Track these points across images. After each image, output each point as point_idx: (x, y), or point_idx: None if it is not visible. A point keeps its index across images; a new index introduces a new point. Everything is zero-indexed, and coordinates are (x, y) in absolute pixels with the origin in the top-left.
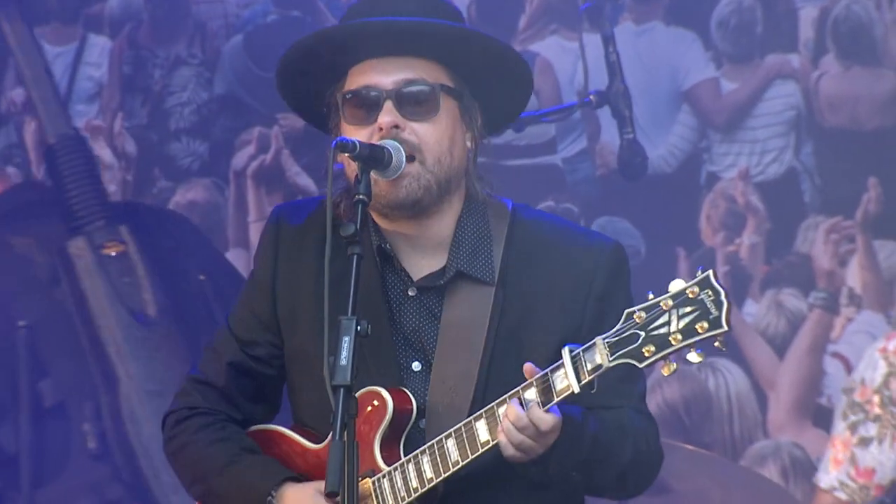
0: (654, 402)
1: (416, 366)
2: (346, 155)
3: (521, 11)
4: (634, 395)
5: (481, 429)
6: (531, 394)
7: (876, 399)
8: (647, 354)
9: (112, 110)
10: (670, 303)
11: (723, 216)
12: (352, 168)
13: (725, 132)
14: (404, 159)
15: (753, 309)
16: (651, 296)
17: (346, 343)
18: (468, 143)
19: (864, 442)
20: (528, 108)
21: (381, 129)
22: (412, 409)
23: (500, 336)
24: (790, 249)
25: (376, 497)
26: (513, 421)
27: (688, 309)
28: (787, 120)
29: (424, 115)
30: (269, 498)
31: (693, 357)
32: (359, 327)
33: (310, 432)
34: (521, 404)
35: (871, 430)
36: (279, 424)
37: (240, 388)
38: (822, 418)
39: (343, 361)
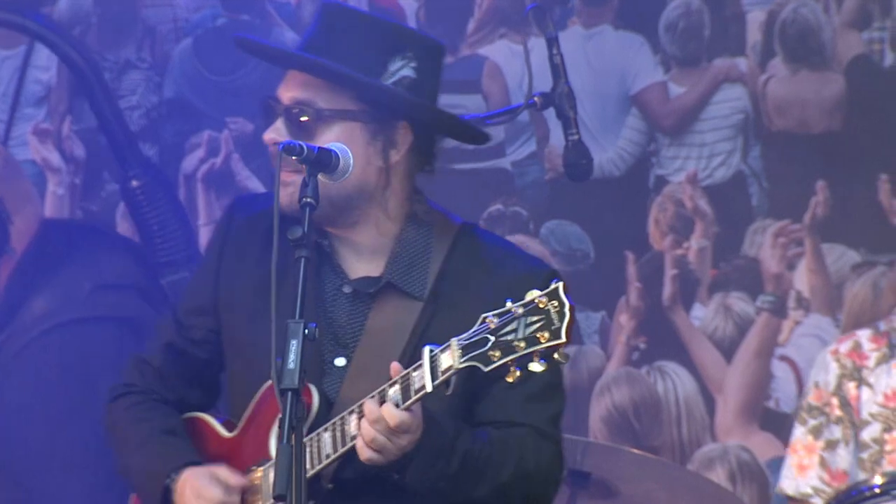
0: (603, 406)
1: (339, 361)
2: (294, 158)
3: (469, 15)
4: (542, 415)
5: (352, 423)
6: (394, 391)
7: (835, 401)
8: (492, 359)
9: (60, 113)
10: (520, 311)
11: (671, 220)
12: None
13: (673, 136)
14: (352, 163)
15: (701, 312)
16: (509, 303)
17: (294, 346)
18: (379, 163)
19: (832, 445)
20: (475, 112)
21: (266, 142)
22: (311, 403)
23: (418, 347)
24: (738, 253)
25: (264, 484)
26: (366, 415)
27: (535, 318)
28: (735, 123)
29: (308, 137)
30: (168, 480)
31: (535, 366)
32: (306, 331)
33: (231, 421)
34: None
35: (836, 432)
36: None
37: (175, 369)
38: (770, 422)
39: (291, 365)
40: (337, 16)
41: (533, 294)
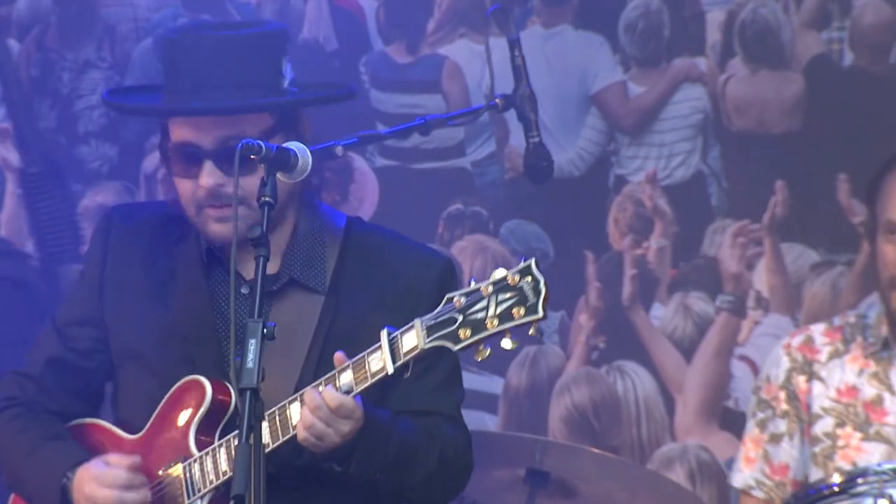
0: (563, 405)
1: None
2: (252, 157)
3: (429, 15)
4: (451, 402)
5: (295, 411)
6: (346, 376)
7: (782, 395)
8: (462, 337)
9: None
10: (490, 289)
11: (630, 219)
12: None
13: (633, 136)
14: (310, 160)
15: (661, 312)
16: (473, 283)
17: (253, 346)
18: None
19: (776, 439)
20: (435, 111)
21: (204, 189)
22: (230, 401)
23: (326, 341)
24: (697, 253)
25: (186, 482)
26: (307, 402)
27: (507, 295)
28: (695, 123)
29: (246, 168)
30: (64, 479)
31: (506, 343)
32: (265, 330)
33: (129, 426)
34: (336, 389)
35: (781, 426)
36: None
37: (58, 380)
38: (730, 421)
39: (249, 364)
40: (210, 46)
41: (502, 272)
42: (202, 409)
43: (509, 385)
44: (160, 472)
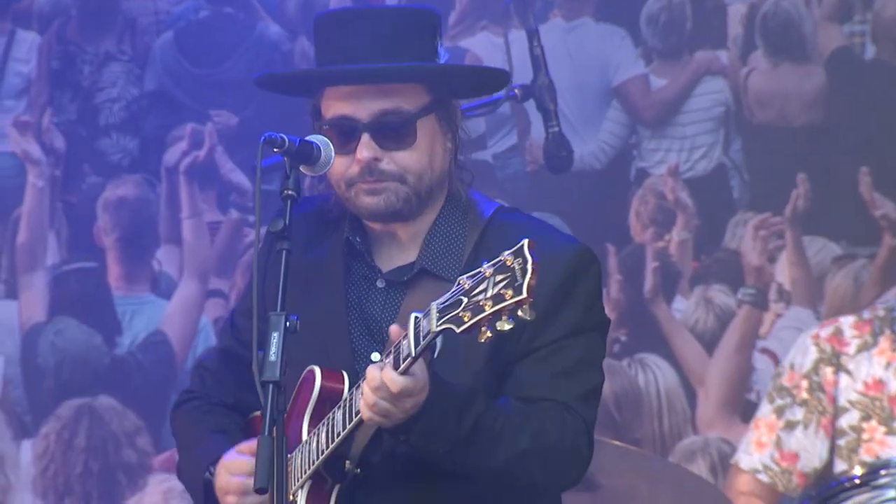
0: None
1: (374, 356)
2: (275, 150)
3: (451, 7)
4: (570, 392)
5: (358, 398)
6: (389, 359)
7: (804, 384)
8: (465, 320)
9: (40, 106)
10: (490, 271)
11: (652, 212)
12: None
13: (655, 128)
14: (333, 154)
15: (682, 305)
16: (485, 265)
17: (276, 339)
18: (448, 145)
19: (790, 426)
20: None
21: (359, 163)
22: (343, 389)
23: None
24: (719, 246)
25: (294, 471)
26: (368, 382)
27: (501, 277)
28: (716, 116)
29: (402, 143)
30: (207, 474)
31: (504, 325)
32: (287, 323)
33: None
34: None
35: (798, 414)
36: None
37: (230, 372)
38: (751, 414)
39: (272, 357)
40: (366, 18)
41: (503, 254)
42: (313, 398)
43: None
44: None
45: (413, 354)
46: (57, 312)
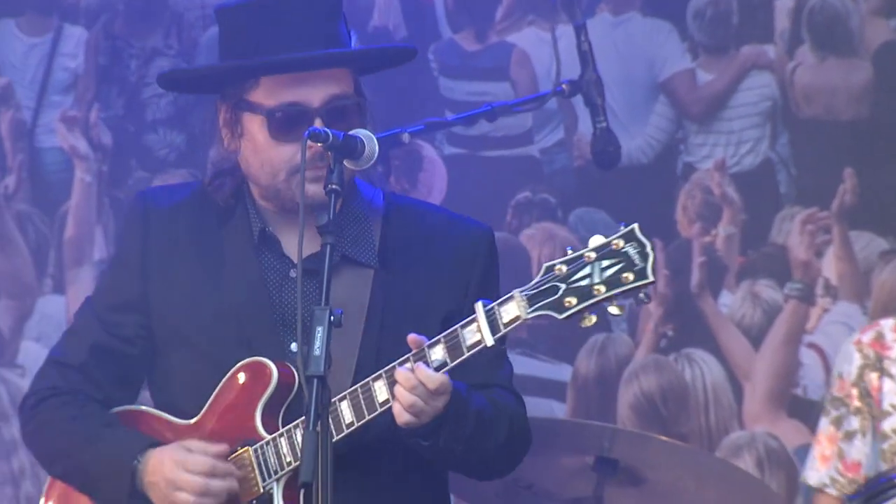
0: (631, 393)
1: (294, 346)
2: (319, 144)
3: (497, 3)
4: (504, 376)
5: (379, 388)
6: (438, 352)
7: (855, 392)
8: (567, 305)
9: (88, 101)
10: (593, 255)
11: (699, 207)
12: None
13: (701, 123)
14: (377, 148)
15: (729, 300)
16: (570, 251)
17: (320, 333)
18: None
19: (849, 436)
20: (504, 99)
21: (311, 148)
22: (294, 382)
23: (381, 317)
24: (766, 240)
25: (259, 465)
26: (402, 382)
27: (612, 261)
28: (763, 111)
29: (350, 128)
30: (135, 462)
31: (614, 310)
32: (332, 317)
33: (176, 411)
34: (427, 364)
35: (854, 423)
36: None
37: (102, 368)
38: (798, 409)
39: (317, 352)
40: (281, 5)
41: (601, 239)
42: (268, 391)
43: (578, 373)
44: (228, 458)
45: (491, 343)
46: None
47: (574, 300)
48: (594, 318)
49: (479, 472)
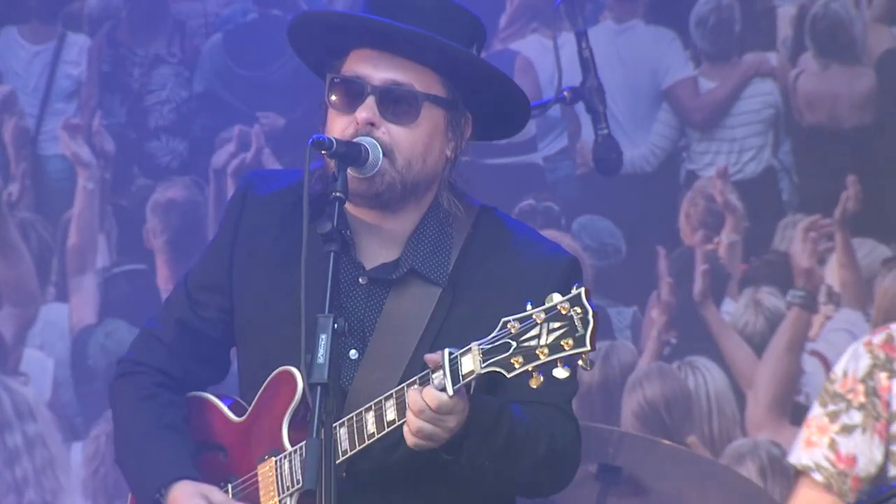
0: (635, 400)
1: (353, 353)
2: (323, 152)
3: (501, 10)
4: (562, 396)
5: (369, 420)
6: (438, 377)
7: (861, 388)
8: (515, 365)
9: (91, 108)
10: (543, 316)
11: (701, 215)
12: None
13: (704, 131)
14: (381, 156)
15: (732, 307)
16: (529, 306)
17: (324, 341)
18: (447, 153)
19: (848, 429)
20: None
21: (356, 122)
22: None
23: (439, 334)
24: (768, 248)
25: (277, 478)
26: (410, 406)
27: (557, 324)
28: (766, 118)
29: (403, 119)
30: (157, 495)
31: (560, 373)
32: (336, 325)
33: (240, 403)
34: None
35: (856, 418)
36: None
37: (185, 345)
38: (801, 417)
39: (320, 360)
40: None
41: (555, 299)
42: (293, 403)
43: (581, 380)
44: (257, 465)
45: (451, 393)
46: (107, 315)
47: (521, 360)
48: (542, 378)
49: (521, 488)
